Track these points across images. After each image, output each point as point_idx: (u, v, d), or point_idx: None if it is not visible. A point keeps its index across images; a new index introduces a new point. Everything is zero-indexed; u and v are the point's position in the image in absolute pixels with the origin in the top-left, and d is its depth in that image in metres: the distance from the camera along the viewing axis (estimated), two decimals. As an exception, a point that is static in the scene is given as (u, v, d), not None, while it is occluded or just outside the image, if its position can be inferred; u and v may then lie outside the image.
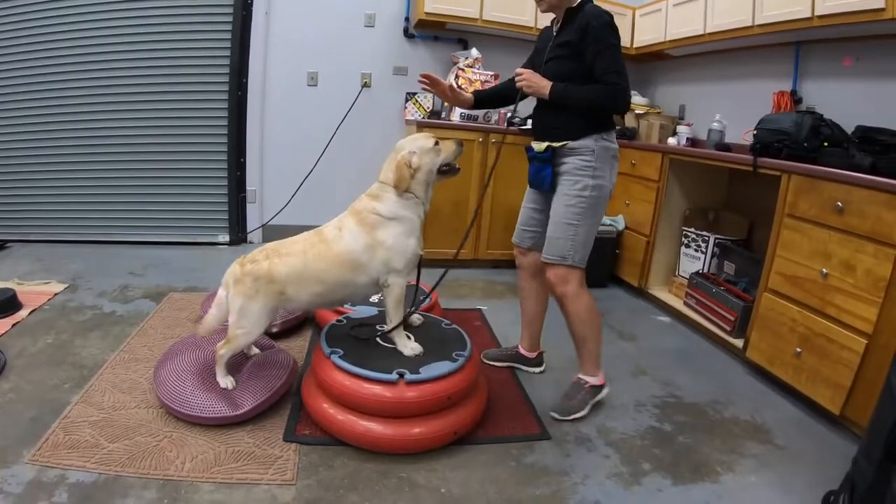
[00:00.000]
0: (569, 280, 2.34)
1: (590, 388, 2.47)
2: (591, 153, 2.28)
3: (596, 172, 2.28)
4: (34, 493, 1.71)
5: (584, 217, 2.29)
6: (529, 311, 2.77)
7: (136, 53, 4.28)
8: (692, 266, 3.86)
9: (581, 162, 2.29)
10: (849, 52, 3.21)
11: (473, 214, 3.73)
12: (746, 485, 2.08)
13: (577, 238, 2.30)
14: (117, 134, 4.39)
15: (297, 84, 4.68)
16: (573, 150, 2.30)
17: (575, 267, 2.34)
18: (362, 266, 2.11)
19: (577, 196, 2.29)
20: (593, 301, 2.41)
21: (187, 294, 3.48)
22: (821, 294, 2.54)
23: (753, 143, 3.04)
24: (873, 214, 2.30)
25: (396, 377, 2.01)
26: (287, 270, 2.09)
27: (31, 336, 2.76)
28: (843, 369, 2.39)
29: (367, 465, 1.99)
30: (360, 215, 2.14)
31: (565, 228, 2.31)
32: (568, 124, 2.29)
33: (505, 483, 1.98)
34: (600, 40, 2.19)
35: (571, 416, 2.40)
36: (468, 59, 4.48)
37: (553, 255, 2.34)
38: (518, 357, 2.84)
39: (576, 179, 2.29)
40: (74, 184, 4.42)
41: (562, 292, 2.37)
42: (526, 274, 2.70)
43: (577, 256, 2.32)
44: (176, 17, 4.29)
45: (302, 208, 4.79)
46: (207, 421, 2.10)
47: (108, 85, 4.30)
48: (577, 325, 2.41)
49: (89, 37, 4.19)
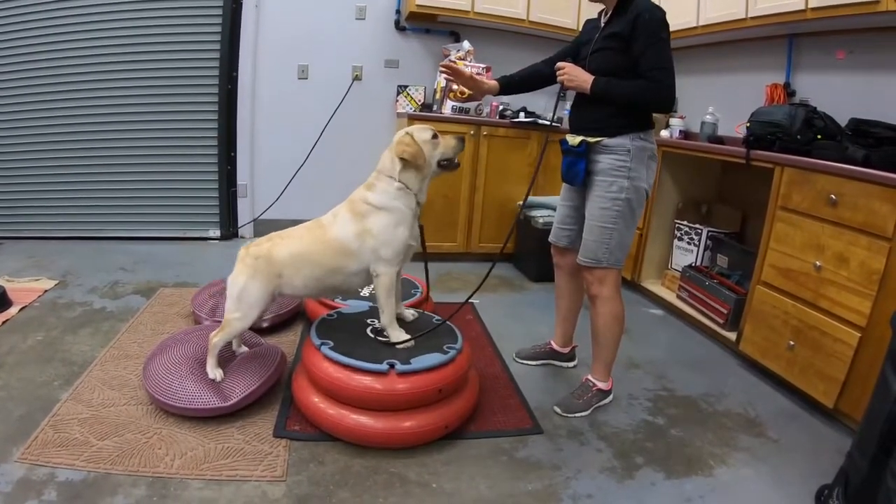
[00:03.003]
0: (604, 282, 2.35)
1: (597, 391, 2.48)
2: (627, 153, 2.23)
3: (632, 173, 2.24)
4: (23, 491, 1.70)
5: (619, 220, 2.27)
6: (563, 308, 2.78)
7: (124, 48, 4.23)
8: (685, 259, 3.86)
9: (617, 162, 2.25)
10: (842, 45, 3.20)
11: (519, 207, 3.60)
12: (739, 478, 2.08)
13: (611, 242, 2.29)
14: (107, 129, 4.35)
15: (287, 77, 4.65)
16: (608, 147, 2.26)
17: (611, 268, 2.33)
18: (352, 253, 2.12)
19: (612, 199, 2.26)
20: (623, 309, 2.41)
21: (178, 289, 3.46)
22: (814, 287, 2.54)
23: (746, 136, 3.03)
24: (866, 207, 2.29)
25: (387, 367, 2.00)
26: (285, 252, 2.13)
27: (21, 333, 2.74)
28: (837, 362, 2.39)
29: (357, 461, 1.98)
30: (352, 204, 2.17)
31: (600, 232, 2.29)
32: (606, 120, 2.25)
33: (497, 478, 1.97)
34: (652, 35, 2.14)
35: (574, 415, 2.40)
36: (460, 52, 4.46)
37: (588, 257, 2.34)
38: (552, 353, 2.87)
39: (611, 181, 2.26)
40: (64, 180, 4.38)
41: (595, 293, 2.38)
42: (563, 273, 2.70)
43: (612, 259, 2.31)
44: (165, 10, 4.24)
45: (293, 202, 4.78)
46: (196, 413, 2.09)
47: (97, 80, 4.25)
48: (602, 328, 2.41)
49: (78, 31, 4.14)
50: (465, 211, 4.36)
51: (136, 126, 4.39)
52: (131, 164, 4.45)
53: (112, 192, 4.47)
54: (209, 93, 4.46)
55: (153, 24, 4.24)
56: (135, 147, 4.42)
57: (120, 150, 4.41)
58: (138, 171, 4.48)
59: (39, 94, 4.21)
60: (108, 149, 4.39)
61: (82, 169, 4.39)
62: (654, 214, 3.90)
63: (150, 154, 4.46)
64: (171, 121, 4.45)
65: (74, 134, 4.32)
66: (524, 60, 2.79)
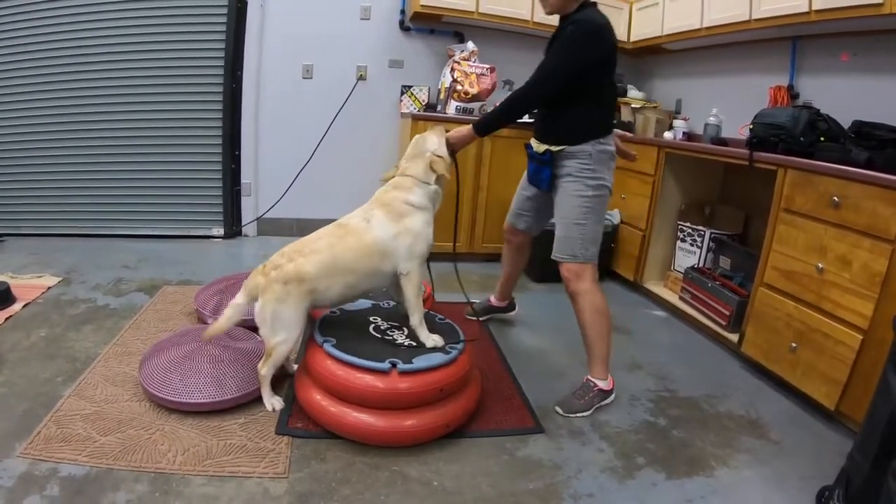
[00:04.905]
0: (582, 276, 2.41)
1: (598, 392, 2.48)
2: (589, 157, 2.35)
3: (595, 174, 2.36)
4: (26, 486, 1.70)
5: (589, 215, 2.38)
6: (506, 273, 3.18)
7: (130, 46, 4.24)
8: (688, 260, 3.85)
9: (580, 165, 2.36)
10: (846, 47, 3.20)
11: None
12: (741, 479, 2.08)
13: (585, 235, 2.39)
14: (111, 126, 4.36)
15: (292, 76, 4.65)
16: (572, 153, 2.38)
17: (587, 262, 2.41)
18: (389, 254, 2.18)
19: (580, 197, 2.37)
20: (605, 300, 2.45)
21: (181, 287, 3.47)
22: (817, 289, 2.53)
23: (750, 138, 3.02)
24: (869, 209, 2.29)
25: (389, 366, 2.00)
26: (316, 267, 2.10)
27: (25, 330, 2.75)
28: (839, 364, 2.38)
29: (359, 459, 1.99)
30: (389, 206, 2.22)
31: (573, 228, 2.39)
32: (567, 130, 2.38)
33: (498, 476, 1.97)
34: (563, 43, 2.28)
35: (576, 415, 2.41)
36: (464, 53, 4.46)
37: (565, 253, 2.42)
38: (492, 308, 3.31)
39: (577, 182, 2.38)
40: (68, 177, 4.39)
41: (574, 289, 2.43)
42: (512, 247, 3.03)
43: (587, 253, 2.41)
44: (170, 9, 4.25)
45: (296, 201, 4.80)
46: (194, 407, 2.10)
47: (102, 77, 4.26)
48: (588, 323, 2.44)
49: (83, 29, 4.16)
50: (468, 211, 4.36)
51: (141, 124, 4.40)
52: (136, 162, 4.46)
53: (116, 188, 4.48)
54: (214, 91, 4.47)
55: (159, 23, 4.25)
56: (139, 145, 4.43)
57: (124, 148, 4.42)
58: (142, 169, 4.48)
59: (45, 91, 4.22)
60: (112, 146, 4.40)
61: (87, 166, 4.40)
62: (656, 216, 3.90)
63: (154, 152, 4.47)
64: (176, 119, 4.45)
65: (79, 131, 4.33)
66: (528, 61, 2.80)
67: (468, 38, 4.61)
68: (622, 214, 4.23)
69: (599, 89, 2.34)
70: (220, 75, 4.44)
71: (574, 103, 2.33)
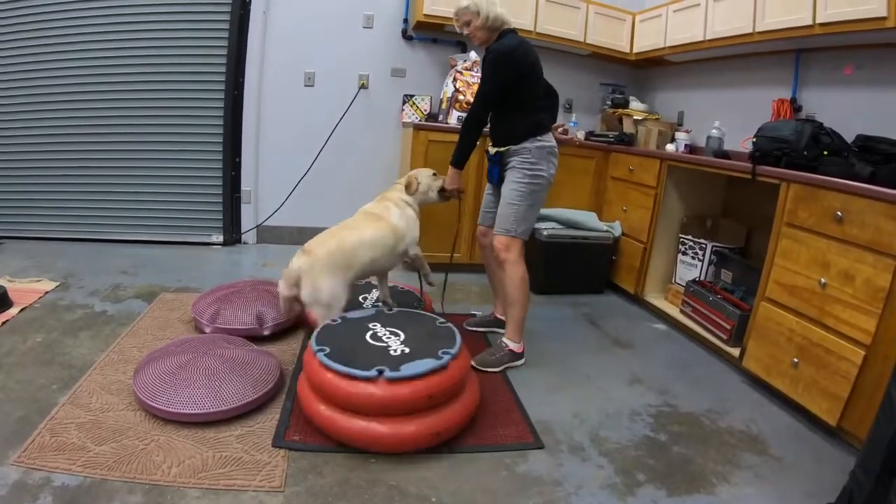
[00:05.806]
0: (510, 248, 2.81)
1: (509, 352, 2.88)
2: (529, 152, 2.77)
3: (534, 166, 2.77)
4: (18, 495, 1.68)
5: (524, 198, 2.78)
6: (495, 286, 3.31)
7: (132, 52, 4.25)
8: (689, 274, 3.84)
9: (521, 159, 2.78)
10: (849, 61, 3.20)
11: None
12: (742, 496, 2.06)
13: (518, 215, 2.78)
14: (112, 132, 4.36)
15: (293, 84, 4.65)
16: (515, 150, 2.80)
17: (517, 238, 2.82)
18: (402, 236, 2.85)
19: (517, 183, 2.78)
20: (526, 274, 2.86)
21: (179, 294, 3.45)
22: (819, 304, 2.52)
23: (752, 151, 3.01)
24: (873, 224, 2.28)
25: (376, 374, 2.02)
26: (353, 241, 2.67)
27: (21, 335, 2.73)
28: (841, 380, 2.36)
29: (356, 473, 1.96)
30: (396, 201, 2.92)
31: (509, 207, 2.80)
32: (509, 132, 2.82)
33: (497, 492, 1.95)
34: (483, 68, 2.79)
35: (486, 369, 2.79)
36: (466, 62, 4.46)
37: (500, 227, 2.84)
38: (496, 322, 3.36)
39: (518, 172, 2.79)
40: (68, 181, 4.40)
41: (504, 258, 2.82)
42: (487, 253, 3.19)
43: (519, 229, 2.81)
44: (173, 16, 4.26)
45: (297, 210, 4.79)
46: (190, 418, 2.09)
47: (104, 83, 4.27)
48: (511, 288, 2.85)
49: (85, 34, 4.17)
50: (469, 223, 4.34)
51: (143, 130, 4.41)
52: (136, 167, 4.46)
53: (116, 194, 4.47)
54: (216, 98, 4.47)
55: (161, 29, 4.26)
56: (140, 150, 4.44)
57: (125, 153, 4.42)
58: (143, 174, 4.48)
59: (45, 97, 4.23)
60: (113, 150, 4.40)
61: (86, 170, 4.40)
62: (658, 228, 3.89)
63: (155, 157, 4.47)
64: (177, 125, 4.46)
65: (80, 135, 4.33)
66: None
67: (470, 47, 4.61)
68: (623, 227, 4.22)
69: (531, 97, 2.78)
70: (221, 82, 4.45)
71: (512, 111, 2.78)
